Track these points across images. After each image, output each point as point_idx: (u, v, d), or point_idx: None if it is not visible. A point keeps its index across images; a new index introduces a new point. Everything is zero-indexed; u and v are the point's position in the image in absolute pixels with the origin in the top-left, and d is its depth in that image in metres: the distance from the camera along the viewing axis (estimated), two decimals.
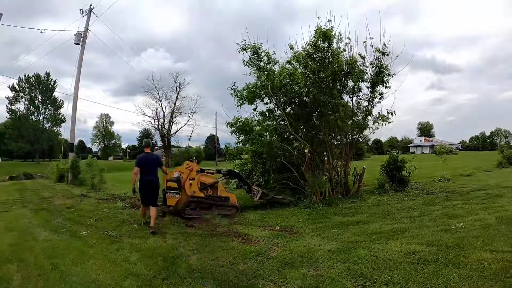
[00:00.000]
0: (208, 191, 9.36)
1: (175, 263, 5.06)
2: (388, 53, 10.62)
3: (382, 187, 11.49)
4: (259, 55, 10.75)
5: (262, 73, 10.63)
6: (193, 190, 8.96)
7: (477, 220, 6.25)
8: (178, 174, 8.95)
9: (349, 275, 4.24)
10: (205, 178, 9.47)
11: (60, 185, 16.98)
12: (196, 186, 9.07)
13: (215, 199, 9.35)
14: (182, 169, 9.14)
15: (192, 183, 9.01)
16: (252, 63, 10.78)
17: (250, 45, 10.67)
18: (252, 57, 10.76)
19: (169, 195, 8.57)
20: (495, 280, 3.69)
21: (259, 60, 10.75)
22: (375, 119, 10.95)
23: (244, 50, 10.75)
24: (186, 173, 9.00)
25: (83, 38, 19.45)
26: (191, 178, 9.03)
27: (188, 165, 9.20)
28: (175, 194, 8.58)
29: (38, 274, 4.71)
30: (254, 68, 10.77)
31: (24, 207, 10.32)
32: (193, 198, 8.98)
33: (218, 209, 9.24)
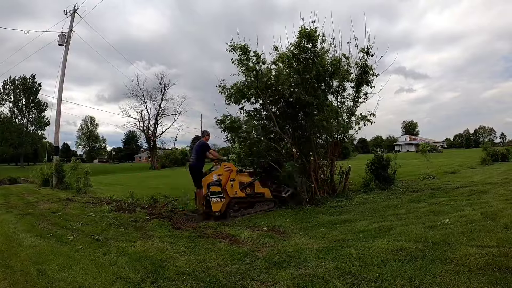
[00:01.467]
0: (247, 190, 9.37)
1: (163, 266, 5.02)
2: (372, 53, 10.73)
3: (368, 186, 11.61)
4: (248, 55, 10.69)
5: (250, 73, 10.60)
6: (234, 191, 8.98)
7: (463, 216, 6.34)
8: (217, 177, 8.90)
9: (337, 274, 4.27)
10: (244, 177, 9.48)
11: (45, 189, 16.71)
12: (237, 186, 9.09)
13: (255, 196, 9.43)
14: (220, 171, 9.06)
15: (233, 184, 9.02)
16: (241, 63, 10.71)
17: (240, 45, 10.62)
18: (241, 57, 10.69)
19: (213, 200, 8.55)
20: (482, 274, 3.75)
21: (248, 60, 10.69)
22: (358, 119, 11.04)
23: (234, 50, 10.68)
24: (226, 175, 9.00)
25: (67, 39, 19.23)
26: (232, 179, 9.04)
27: (226, 166, 9.20)
28: (219, 198, 8.60)
29: (25, 280, 4.62)
30: (243, 68, 10.70)
31: (8, 212, 10.13)
32: (236, 199, 9.01)
33: (259, 206, 9.41)
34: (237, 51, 10.65)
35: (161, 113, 67.73)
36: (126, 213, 9.57)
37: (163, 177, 29.37)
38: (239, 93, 10.72)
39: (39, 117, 76.36)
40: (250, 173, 9.89)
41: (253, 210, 9.23)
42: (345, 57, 10.87)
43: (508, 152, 21.76)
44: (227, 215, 8.76)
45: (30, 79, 74.44)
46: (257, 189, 9.52)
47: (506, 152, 21.59)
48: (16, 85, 72.59)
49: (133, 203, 11.47)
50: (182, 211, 9.86)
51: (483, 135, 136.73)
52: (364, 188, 11.46)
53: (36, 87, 75.27)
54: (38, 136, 77.82)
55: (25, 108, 74.49)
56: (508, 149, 22.69)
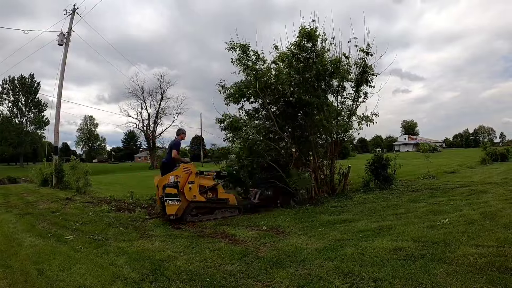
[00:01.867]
0: (208, 194, 8.95)
1: (162, 266, 5.02)
2: (372, 53, 10.72)
3: (367, 185, 11.61)
4: (247, 54, 10.63)
5: (250, 72, 10.56)
6: (193, 195, 8.48)
7: (462, 216, 6.34)
8: (175, 178, 8.33)
9: (337, 273, 4.27)
10: (204, 180, 9.05)
11: (44, 189, 16.69)
12: (196, 190, 8.62)
13: (216, 202, 8.99)
14: (179, 172, 8.49)
15: (192, 187, 8.50)
16: (240, 62, 10.65)
17: (239, 44, 10.56)
18: (240, 56, 10.62)
19: (168, 202, 7.98)
20: (481, 274, 3.75)
21: (248, 60, 10.64)
22: (359, 119, 11.02)
23: (233, 49, 10.62)
24: (185, 177, 8.45)
25: (67, 38, 19.21)
26: (191, 181, 8.50)
27: (185, 168, 8.61)
28: (175, 201, 8.01)
29: (24, 280, 4.62)
30: (243, 67, 10.66)
31: (8, 212, 10.12)
32: (194, 203, 8.54)
33: (221, 212, 8.95)
34: (237, 50, 10.59)
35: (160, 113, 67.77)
36: (125, 212, 9.56)
37: None
38: (238, 92, 10.67)
39: (39, 116, 76.28)
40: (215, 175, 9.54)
41: (213, 217, 8.75)
42: (345, 56, 10.87)
43: (508, 152, 21.76)
44: (183, 220, 8.31)
45: (29, 79, 74.35)
46: (220, 195, 9.13)
47: (505, 152, 21.59)
48: (15, 85, 72.52)
49: (132, 202, 11.46)
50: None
51: (482, 135, 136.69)
52: (363, 188, 11.46)
53: (36, 87, 75.22)
54: (37, 135, 77.74)
55: (25, 108, 74.41)
56: (507, 149, 22.70)
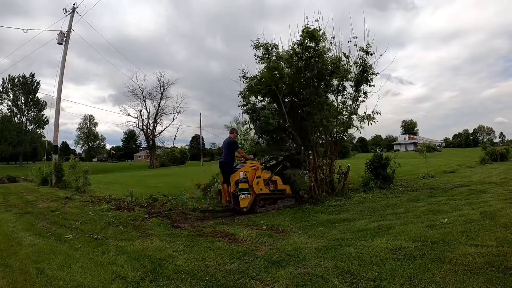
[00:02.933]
0: (270, 186, 9.70)
1: (162, 265, 5.02)
2: (372, 52, 10.72)
3: (367, 185, 11.60)
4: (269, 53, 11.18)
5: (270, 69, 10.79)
6: (260, 188, 9.29)
7: (462, 216, 6.34)
8: (243, 174, 9.17)
9: (336, 272, 4.27)
10: (265, 174, 9.70)
11: (44, 188, 16.70)
12: (262, 183, 9.39)
13: (278, 193, 9.76)
14: (247, 168, 9.32)
15: (259, 181, 9.33)
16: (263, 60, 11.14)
17: (263, 43, 11.13)
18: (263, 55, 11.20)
19: (242, 196, 8.91)
20: (480, 273, 3.75)
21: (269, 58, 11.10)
22: (360, 118, 11.03)
23: (257, 47, 11.20)
24: (252, 172, 9.29)
25: (66, 37, 19.20)
26: (258, 176, 9.34)
27: (252, 164, 9.45)
28: (247, 195, 9.00)
29: (24, 279, 4.62)
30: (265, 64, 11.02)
31: (8, 211, 10.12)
32: (261, 196, 9.33)
33: (281, 202, 9.75)
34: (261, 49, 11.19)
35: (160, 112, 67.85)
36: (125, 212, 9.56)
37: (162, 176, 29.37)
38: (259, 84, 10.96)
39: (38, 115, 76.29)
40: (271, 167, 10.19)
41: (277, 206, 9.56)
42: (345, 56, 10.88)
43: (507, 152, 21.77)
44: (254, 211, 9.08)
45: (29, 78, 74.36)
46: (279, 186, 9.80)
47: (505, 152, 21.59)
48: (15, 84, 72.50)
49: (132, 202, 11.46)
50: (181, 210, 9.85)
51: (482, 134, 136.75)
52: (363, 187, 11.47)
53: (35, 86, 75.22)
54: (37, 134, 77.76)
55: (24, 107, 74.44)
56: (507, 148, 22.72)
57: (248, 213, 8.96)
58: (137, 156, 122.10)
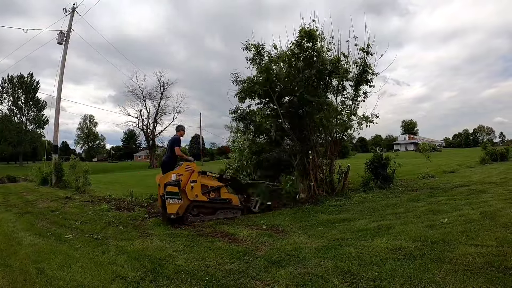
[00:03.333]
0: (211, 194, 8.80)
1: (162, 265, 5.02)
2: (372, 52, 10.72)
3: (367, 185, 11.59)
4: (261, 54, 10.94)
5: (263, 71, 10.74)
6: (195, 194, 8.41)
7: (462, 216, 6.33)
8: (176, 176, 8.25)
9: (336, 272, 4.27)
10: (207, 180, 8.92)
11: (44, 188, 16.69)
12: (199, 189, 8.54)
13: (219, 202, 8.86)
14: (181, 170, 8.45)
15: (194, 186, 8.43)
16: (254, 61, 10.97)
17: (253, 44, 10.91)
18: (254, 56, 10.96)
19: (169, 201, 7.86)
20: (480, 273, 3.75)
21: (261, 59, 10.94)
22: (359, 119, 11.04)
23: (248, 49, 10.99)
24: (187, 175, 8.41)
25: (66, 37, 19.20)
26: (193, 180, 8.45)
27: (188, 166, 8.58)
28: (176, 200, 7.93)
29: (24, 279, 4.62)
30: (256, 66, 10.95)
31: (8, 211, 10.12)
32: (195, 203, 8.45)
33: (223, 213, 8.84)
34: (251, 50, 10.93)
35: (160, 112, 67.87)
36: (125, 211, 9.57)
37: None
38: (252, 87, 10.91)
39: (38, 115, 76.28)
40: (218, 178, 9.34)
41: (215, 217, 8.65)
42: (344, 56, 10.88)
43: (507, 152, 21.74)
44: (184, 220, 8.21)
45: (28, 77, 74.34)
46: (223, 195, 8.99)
47: (505, 152, 21.56)
48: (14, 83, 72.49)
49: (132, 201, 11.48)
50: None
51: (482, 134, 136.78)
52: (363, 187, 11.45)
53: (35, 85, 75.21)
54: (37, 134, 77.72)
55: (24, 106, 74.42)
56: (507, 148, 22.68)
57: (176, 222, 8.01)
58: (137, 156, 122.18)
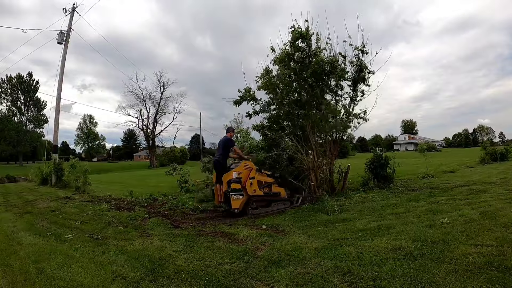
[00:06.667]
0: (265, 189, 9.51)
1: (162, 265, 5.02)
2: (367, 51, 10.74)
3: (366, 185, 11.61)
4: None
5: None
6: (253, 189, 9.10)
7: (461, 215, 6.34)
8: (237, 174, 9.00)
9: (336, 272, 4.27)
10: (262, 177, 9.59)
11: (44, 187, 16.70)
12: (256, 185, 9.21)
13: (272, 195, 9.56)
14: (240, 169, 9.14)
15: (253, 182, 9.13)
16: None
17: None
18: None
19: (233, 197, 8.72)
20: (480, 273, 3.75)
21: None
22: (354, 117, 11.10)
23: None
24: (246, 173, 9.10)
25: (66, 37, 19.20)
26: (251, 177, 9.14)
27: (246, 164, 9.25)
28: (239, 195, 8.79)
29: (24, 279, 4.62)
30: None
31: (8, 211, 10.11)
32: (254, 197, 9.12)
33: (276, 205, 9.47)
34: None
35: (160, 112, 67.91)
36: (125, 211, 9.57)
37: (162, 176, 29.29)
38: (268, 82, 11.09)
39: (38, 115, 76.23)
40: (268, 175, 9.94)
41: (270, 209, 9.28)
42: (342, 55, 10.88)
43: (507, 152, 21.72)
44: (246, 213, 8.89)
45: (27, 77, 74.30)
46: (274, 189, 9.65)
47: (505, 152, 21.54)
48: (13, 83, 72.47)
49: (132, 201, 11.49)
50: (181, 210, 9.84)
51: (482, 134, 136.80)
52: (363, 187, 11.46)
53: (35, 85, 75.16)
54: (36, 134, 77.66)
55: (24, 106, 74.39)
56: (507, 148, 22.65)
57: (240, 215, 8.80)
58: (137, 156, 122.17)
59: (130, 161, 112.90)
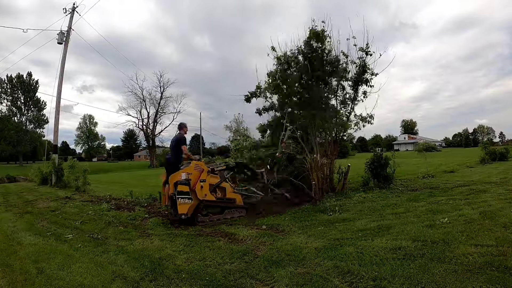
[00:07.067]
0: (217, 193, 8.62)
1: (162, 264, 5.02)
2: (371, 52, 10.74)
3: (367, 185, 11.60)
4: None
5: None
6: (204, 193, 8.14)
7: (461, 215, 6.34)
8: (186, 175, 8.04)
9: (336, 272, 4.27)
10: (214, 179, 8.68)
11: (44, 187, 16.71)
12: (207, 188, 8.28)
13: (225, 201, 8.71)
14: (190, 169, 8.22)
15: (204, 185, 8.17)
16: None
17: None
18: None
19: (180, 201, 7.71)
20: (480, 273, 3.75)
21: None
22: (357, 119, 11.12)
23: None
24: (196, 175, 8.19)
25: (66, 37, 19.19)
26: (202, 179, 8.20)
27: (197, 165, 8.38)
28: (187, 199, 7.77)
29: (24, 279, 4.62)
30: None
31: (8, 211, 10.12)
32: (205, 202, 8.22)
33: (230, 213, 8.71)
34: None
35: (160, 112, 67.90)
36: (125, 211, 9.57)
37: None
38: None
39: (38, 115, 76.20)
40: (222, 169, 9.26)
41: (223, 217, 8.53)
42: (345, 55, 10.90)
43: (507, 151, 21.73)
44: (194, 220, 8.05)
45: (27, 77, 74.31)
46: (228, 194, 8.81)
47: (504, 151, 21.55)
48: (13, 83, 72.45)
49: (132, 201, 11.48)
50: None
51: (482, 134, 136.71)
52: (363, 187, 11.45)
53: (35, 85, 75.14)
54: (37, 134, 77.61)
55: (24, 106, 74.37)
56: (507, 148, 22.66)
57: (186, 222, 7.84)
58: (137, 156, 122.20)
59: (130, 161, 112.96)
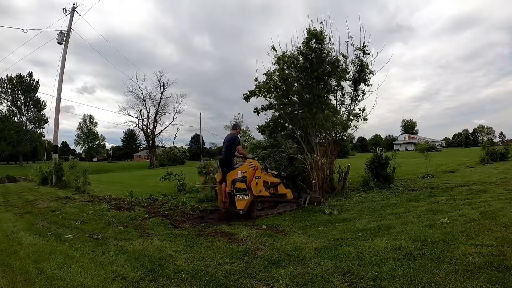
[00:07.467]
0: (271, 189, 9.06)
1: (162, 264, 5.01)
2: (368, 51, 10.78)
3: (367, 185, 11.61)
4: None
5: None
6: (259, 189, 8.63)
7: (461, 215, 6.34)
8: (242, 173, 8.54)
9: (336, 272, 4.27)
10: (268, 177, 9.16)
11: (44, 187, 16.71)
12: (262, 185, 8.76)
13: (278, 196, 9.12)
14: (245, 168, 8.71)
15: (258, 182, 8.68)
16: None
17: None
18: None
19: (238, 197, 8.26)
20: (480, 273, 3.75)
21: None
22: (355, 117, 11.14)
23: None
24: (251, 172, 8.68)
25: (66, 37, 19.20)
26: (257, 177, 8.70)
27: (251, 163, 8.85)
28: (244, 196, 8.30)
29: (24, 279, 4.61)
30: None
31: (8, 211, 10.11)
32: (260, 198, 8.70)
33: (282, 206, 9.07)
34: None
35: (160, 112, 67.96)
36: (125, 211, 9.56)
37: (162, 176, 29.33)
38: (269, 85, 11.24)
39: (38, 115, 76.23)
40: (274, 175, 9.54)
41: (276, 211, 8.88)
42: (343, 56, 10.93)
43: (507, 151, 21.72)
44: (252, 214, 8.50)
45: (27, 77, 74.33)
46: (280, 190, 9.22)
47: (505, 151, 21.54)
48: (13, 83, 72.49)
49: (132, 201, 11.48)
50: (181, 210, 9.79)
51: (482, 134, 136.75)
52: (363, 187, 11.47)
53: (35, 85, 75.16)
54: (37, 134, 77.64)
55: (24, 106, 74.39)
56: (507, 148, 22.65)
57: (245, 216, 8.34)
58: (137, 156, 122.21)
59: (130, 161, 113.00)
